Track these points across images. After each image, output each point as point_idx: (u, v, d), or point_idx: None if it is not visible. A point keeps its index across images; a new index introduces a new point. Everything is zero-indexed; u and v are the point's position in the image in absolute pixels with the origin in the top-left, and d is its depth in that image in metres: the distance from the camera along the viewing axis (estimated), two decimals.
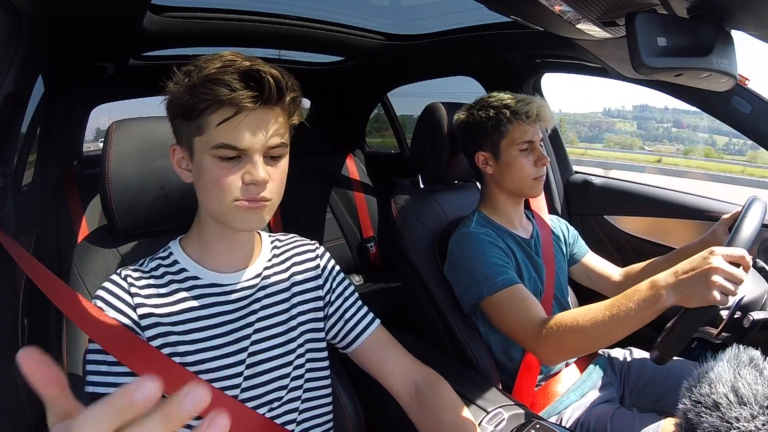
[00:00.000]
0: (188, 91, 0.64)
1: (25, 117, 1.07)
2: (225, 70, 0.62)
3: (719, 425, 0.50)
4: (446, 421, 0.75)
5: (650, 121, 24.61)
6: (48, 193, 1.58)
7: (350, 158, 2.43)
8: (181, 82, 0.65)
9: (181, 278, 0.74)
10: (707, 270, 0.73)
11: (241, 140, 0.64)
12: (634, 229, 1.62)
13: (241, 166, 0.66)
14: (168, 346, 0.70)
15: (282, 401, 0.76)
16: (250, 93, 0.63)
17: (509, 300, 1.03)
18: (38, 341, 1.08)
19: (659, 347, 0.78)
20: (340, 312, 0.85)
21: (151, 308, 0.71)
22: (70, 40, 1.18)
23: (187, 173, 0.71)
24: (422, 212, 1.34)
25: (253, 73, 0.63)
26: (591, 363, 1.20)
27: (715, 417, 0.51)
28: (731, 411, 0.51)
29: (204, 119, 0.65)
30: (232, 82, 0.62)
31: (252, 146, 0.65)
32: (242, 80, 0.63)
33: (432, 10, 1.74)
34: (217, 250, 0.76)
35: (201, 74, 0.63)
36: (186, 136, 0.68)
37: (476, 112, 1.17)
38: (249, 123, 0.64)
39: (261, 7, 1.44)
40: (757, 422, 0.49)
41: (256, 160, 0.66)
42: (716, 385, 0.54)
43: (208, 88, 0.62)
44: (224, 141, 0.64)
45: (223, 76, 0.62)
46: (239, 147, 0.65)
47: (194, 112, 0.65)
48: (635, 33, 0.69)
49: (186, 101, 0.64)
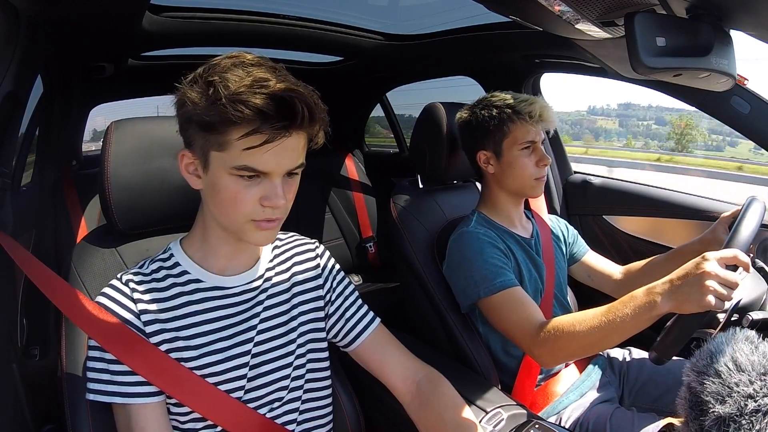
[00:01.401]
0: (213, 106, 0.60)
1: (24, 117, 1.07)
2: (255, 90, 0.58)
3: (721, 390, 0.56)
4: (447, 420, 0.75)
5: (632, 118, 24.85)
6: (47, 193, 1.58)
7: (349, 158, 2.43)
8: (204, 92, 0.61)
9: (183, 281, 0.74)
10: (701, 275, 0.73)
11: (265, 165, 0.63)
12: (633, 229, 1.62)
13: (260, 187, 0.65)
14: (174, 351, 0.70)
15: (283, 401, 0.76)
16: (282, 123, 0.60)
17: (507, 302, 1.03)
18: (37, 341, 1.07)
19: (657, 349, 0.78)
20: (340, 311, 0.85)
21: (155, 314, 0.70)
22: (68, 40, 1.18)
23: (197, 180, 0.69)
24: (421, 212, 1.34)
25: (287, 100, 0.59)
26: (590, 363, 1.20)
27: (717, 384, 0.57)
28: (731, 377, 0.56)
29: (226, 137, 0.61)
30: (264, 107, 0.58)
31: (275, 171, 0.64)
32: (275, 105, 0.59)
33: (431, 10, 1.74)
34: (221, 254, 0.75)
35: (228, 92, 0.58)
36: (201, 146, 0.65)
37: (479, 111, 1.17)
38: (276, 149, 0.62)
39: (260, 7, 1.44)
40: (755, 386, 0.55)
41: (277, 183, 0.64)
42: (717, 356, 0.59)
43: (236, 109, 0.58)
44: (247, 164, 0.62)
45: (254, 98, 0.58)
46: (262, 170, 0.63)
47: (217, 128, 0.61)
48: (634, 33, 0.69)
49: (208, 115, 0.60)
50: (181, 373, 0.69)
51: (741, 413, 0.53)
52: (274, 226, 0.68)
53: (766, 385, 0.54)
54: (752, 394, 0.54)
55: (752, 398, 0.54)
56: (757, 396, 0.54)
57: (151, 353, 0.68)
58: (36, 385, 0.93)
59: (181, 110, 0.65)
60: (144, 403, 0.68)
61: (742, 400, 0.54)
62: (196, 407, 0.69)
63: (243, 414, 0.71)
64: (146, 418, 0.67)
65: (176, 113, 0.67)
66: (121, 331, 0.68)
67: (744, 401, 0.54)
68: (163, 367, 0.68)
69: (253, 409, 0.73)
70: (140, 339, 0.68)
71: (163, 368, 0.68)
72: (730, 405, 0.54)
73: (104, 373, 0.67)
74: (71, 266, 0.83)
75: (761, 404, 0.53)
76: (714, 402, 0.55)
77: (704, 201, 1.46)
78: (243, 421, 0.71)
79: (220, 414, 0.70)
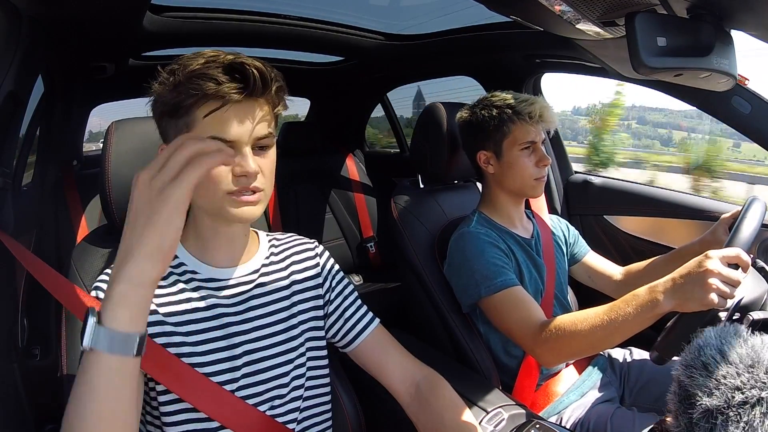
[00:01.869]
0: (174, 88, 0.64)
1: (25, 117, 1.07)
2: (209, 65, 0.63)
3: (708, 383, 0.57)
4: (447, 421, 0.75)
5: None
6: (48, 193, 1.58)
7: (350, 158, 2.43)
8: (167, 81, 0.65)
9: (179, 271, 0.75)
10: (703, 273, 0.73)
11: (230, 132, 0.65)
12: (634, 229, 1.62)
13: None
14: (163, 335, 0.70)
15: (284, 400, 0.76)
16: (236, 85, 0.63)
17: (507, 301, 1.03)
18: (38, 341, 1.08)
19: (658, 348, 0.78)
20: (340, 311, 0.85)
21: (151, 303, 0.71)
22: (69, 40, 1.18)
23: None
24: (422, 212, 1.34)
25: (237, 66, 0.63)
26: (591, 363, 1.20)
27: (704, 376, 0.57)
28: (719, 370, 0.57)
29: (191, 115, 0.65)
30: (218, 75, 0.62)
31: (240, 138, 0.65)
32: (227, 73, 0.63)
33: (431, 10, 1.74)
34: (214, 246, 0.76)
35: (186, 71, 0.63)
36: (174, 134, 0.68)
37: (479, 111, 1.17)
38: (236, 115, 0.65)
39: (261, 7, 1.44)
40: (742, 378, 0.55)
41: (246, 152, 0.66)
42: (704, 349, 0.60)
43: (194, 84, 0.62)
44: (213, 134, 0.64)
45: (208, 70, 0.62)
46: (228, 139, 0.65)
47: (181, 109, 0.65)
48: (635, 33, 0.69)
49: (172, 99, 0.65)
50: (181, 369, 0.69)
51: (728, 405, 0.54)
52: (255, 200, 0.69)
53: (753, 378, 0.55)
54: (739, 386, 0.55)
55: (739, 390, 0.55)
56: (744, 388, 0.54)
57: (153, 349, 0.68)
58: (37, 385, 0.94)
59: (154, 106, 0.69)
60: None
61: (729, 392, 0.55)
62: (195, 402, 0.69)
63: (241, 409, 0.72)
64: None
65: (152, 112, 0.70)
66: None
67: (731, 393, 0.55)
68: (165, 364, 0.68)
69: (252, 406, 0.73)
70: None
71: (165, 365, 0.68)
72: (717, 397, 0.55)
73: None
74: (72, 266, 0.84)
75: (748, 396, 0.54)
76: (702, 395, 0.56)
77: (705, 201, 1.46)
78: (242, 416, 0.71)
79: (218, 409, 0.70)
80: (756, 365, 0.56)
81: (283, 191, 2.25)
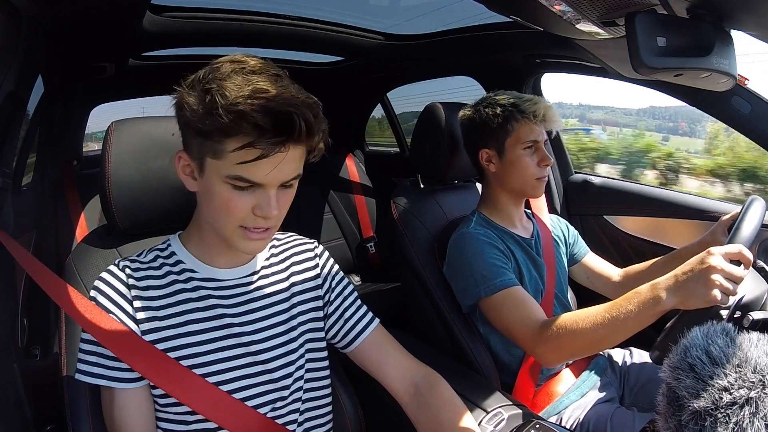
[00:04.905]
0: (208, 114, 0.59)
1: (25, 117, 1.07)
2: (254, 103, 0.57)
3: (695, 385, 0.56)
4: (445, 421, 0.75)
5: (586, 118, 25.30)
6: (47, 193, 1.58)
7: (350, 158, 2.43)
8: (200, 99, 0.60)
9: (177, 270, 0.75)
10: (706, 269, 0.73)
11: (259, 177, 0.62)
12: (634, 229, 1.62)
13: (254, 196, 0.64)
14: (162, 341, 0.70)
15: (285, 401, 0.76)
16: (278, 138, 0.58)
17: (507, 301, 1.03)
18: (38, 342, 1.08)
19: (659, 347, 0.78)
20: (339, 311, 0.85)
21: (147, 301, 0.71)
22: (69, 40, 1.18)
23: (192, 182, 0.69)
24: (422, 212, 1.34)
25: (284, 114, 0.58)
26: (591, 363, 1.20)
27: (691, 378, 0.56)
28: (705, 371, 0.56)
29: (221, 144, 0.60)
30: (261, 121, 0.57)
31: (269, 182, 0.63)
32: (271, 120, 0.57)
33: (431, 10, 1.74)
34: (216, 250, 0.76)
35: (225, 101, 0.57)
36: (198, 150, 0.64)
37: (483, 109, 1.17)
38: (271, 161, 0.61)
39: (261, 7, 1.44)
40: (730, 378, 0.54)
41: (271, 194, 0.64)
42: (690, 350, 0.59)
43: (232, 121, 0.57)
44: (241, 175, 0.62)
45: (251, 111, 0.57)
46: (256, 182, 0.63)
47: (212, 136, 0.61)
48: (635, 33, 0.69)
49: (204, 125, 0.60)
50: (180, 372, 0.69)
51: (716, 407, 0.53)
52: (265, 236, 0.69)
53: (741, 377, 0.54)
54: (727, 387, 0.54)
55: (727, 391, 0.54)
56: (732, 388, 0.54)
57: (152, 353, 0.68)
58: (37, 385, 0.94)
59: (180, 113, 0.65)
60: (127, 388, 0.69)
61: (716, 393, 0.54)
62: (195, 406, 0.69)
63: (241, 411, 0.71)
64: (128, 399, 0.69)
65: (175, 114, 0.67)
66: (121, 332, 0.68)
67: (719, 394, 0.54)
68: (163, 367, 0.68)
69: (252, 408, 0.73)
70: (137, 338, 0.69)
71: (163, 368, 0.68)
72: (705, 399, 0.54)
73: (92, 355, 0.69)
74: (72, 266, 0.84)
75: (736, 396, 0.53)
76: (689, 397, 0.55)
77: (705, 201, 1.46)
78: (242, 419, 0.71)
79: (218, 412, 0.70)
80: (743, 364, 0.55)
81: None
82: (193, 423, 0.71)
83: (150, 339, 0.70)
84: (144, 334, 0.70)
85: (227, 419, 0.70)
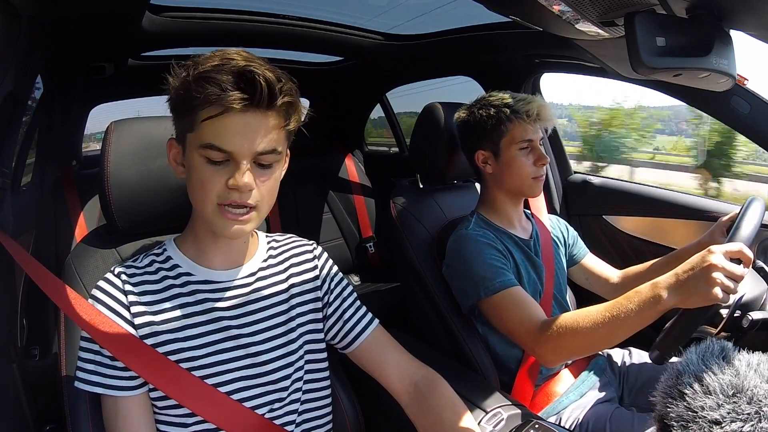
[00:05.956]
0: (182, 86, 0.64)
1: (24, 117, 1.07)
2: (219, 69, 0.61)
3: (685, 414, 0.52)
4: (445, 421, 0.75)
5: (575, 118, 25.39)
6: (47, 193, 1.58)
7: (349, 158, 2.43)
8: (179, 77, 0.65)
9: (174, 274, 0.74)
10: (707, 267, 0.73)
11: (228, 142, 0.63)
12: (633, 229, 1.62)
13: (227, 171, 0.65)
14: (161, 345, 0.70)
15: (283, 402, 0.76)
16: (240, 95, 0.61)
17: (507, 302, 1.03)
18: (37, 342, 1.08)
19: (659, 347, 0.78)
20: (338, 312, 0.85)
21: (143, 306, 0.71)
22: (68, 40, 1.18)
23: (180, 168, 0.71)
24: (421, 212, 1.34)
25: (246, 74, 0.61)
26: (590, 363, 1.20)
27: (681, 407, 0.52)
28: (696, 400, 0.52)
29: (194, 116, 0.64)
30: (224, 81, 0.61)
31: (239, 150, 0.64)
32: (234, 81, 0.61)
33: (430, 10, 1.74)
34: (211, 250, 0.76)
35: (196, 71, 0.62)
36: (180, 131, 0.68)
37: (477, 110, 1.17)
38: (238, 126, 0.63)
39: (260, 7, 1.44)
40: (722, 410, 0.50)
41: (243, 166, 0.64)
42: (682, 376, 0.55)
43: (199, 86, 0.61)
44: (211, 141, 0.63)
45: (216, 74, 0.61)
46: (225, 149, 0.63)
47: (186, 108, 0.65)
48: (634, 33, 0.69)
49: (179, 96, 0.65)
50: (178, 374, 0.69)
51: None
52: (245, 219, 0.67)
53: (735, 409, 0.50)
54: (718, 420, 0.49)
55: (718, 424, 0.49)
56: (724, 422, 0.49)
57: (149, 354, 0.68)
58: (36, 385, 0.94)
59: (168, 101, 0.68)
60: (127, 396, 0.69)
61: (707, 426, 0.50)
62: (193, 407, 0.69)
63: (239, 412, 0.71)
64: (130, 407, 0.69)
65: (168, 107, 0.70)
66: (119, 333, 0.68)
67: (709, 427, 0.49)
68: (161, 368, 0.69)
69: (249, 409, 0.73)
70: (136, 340, 0.69)
71: (161, 369, 0.69)
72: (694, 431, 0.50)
73: (91, 363, 0.69)
74: (71, 266, 0.83)
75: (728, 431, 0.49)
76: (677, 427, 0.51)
77: (705, 201, 1.46)
78: (239, 420, 0.71)
79: (217, 413, 0.70)
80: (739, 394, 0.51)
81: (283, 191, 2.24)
82: (192, 425, 0.71)
83: (149, 343, 0.70)
84: (142, 339, 0.70)
85: (225, 420, 0.70)
